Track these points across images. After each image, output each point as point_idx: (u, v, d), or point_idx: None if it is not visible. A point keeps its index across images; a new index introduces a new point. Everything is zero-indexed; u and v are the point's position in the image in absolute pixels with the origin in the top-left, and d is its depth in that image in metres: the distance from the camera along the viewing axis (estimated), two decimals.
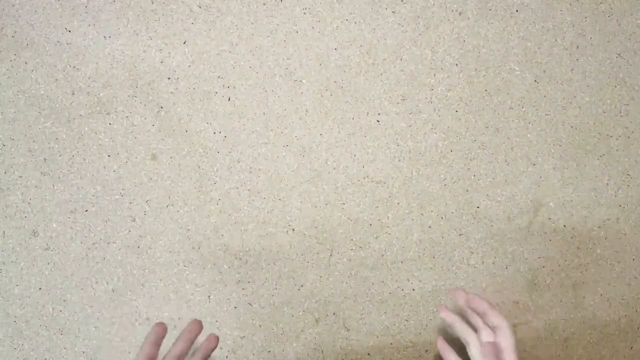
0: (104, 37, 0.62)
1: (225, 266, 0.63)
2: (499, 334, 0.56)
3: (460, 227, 0.64)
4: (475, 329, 0.59)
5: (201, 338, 0.63)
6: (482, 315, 0.58)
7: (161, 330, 0.54)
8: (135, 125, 0.62)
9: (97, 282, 0.62)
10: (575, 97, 0.64)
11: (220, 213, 0.63)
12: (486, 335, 0.57)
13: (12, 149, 0.62)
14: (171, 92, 0.62)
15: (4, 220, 0.62)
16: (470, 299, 0.59)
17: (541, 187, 0.64)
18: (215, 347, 0.57)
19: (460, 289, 0.60)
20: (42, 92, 0.61)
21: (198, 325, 0.56)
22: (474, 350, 0.56)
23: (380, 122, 0.63)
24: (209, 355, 0.57)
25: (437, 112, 0.64)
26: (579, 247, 0.65)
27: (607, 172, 0.65)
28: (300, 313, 0.64)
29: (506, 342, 0.55)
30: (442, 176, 0.64)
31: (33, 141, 0.62)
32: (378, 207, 0.64)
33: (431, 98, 0.64)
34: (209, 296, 0.63)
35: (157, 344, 0.54)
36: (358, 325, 0.64)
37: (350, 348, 0.64)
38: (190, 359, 0.56)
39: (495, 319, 0.57)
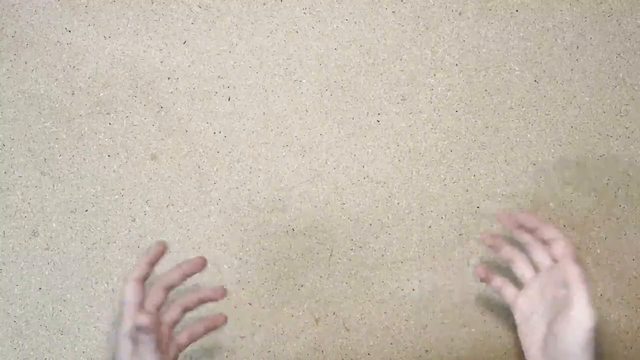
0: (104, 37, 0.62)
1: (225, 266, 0.63)
2: (553, 245, 0.50)
3: (460, 227, 0.64)
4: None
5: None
6: (532, 233, 0.53)
7: (161, 249, 0.51)
8: (135, 125, 0.62)
9: (97, 282, 0.62)
10: (575, 97, 0.64)
11: (220, 213, 0.63)
12: (537, 250, 0.52)
13: (12, 149, 0.62)
14: (171, 92, 0.62)
15: (4, 220, 0.62)
16: (516, 218, 0.53)
17: (541, 187, 0.64)
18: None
19: (502, 213, 0.55)
20: (42, 92, 0.61)
21: (201, 263, 0.52)
22: (520, 270, 0.52)
23: (380, 122, 0.63)
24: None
25: (437, 112, 0.64)
26: (579, 247, 0.65)
27: (607, 172, 0.65)
28: (300, 313, 0.64)
29: (562, 250, 0.49)
30: (442, 176, 0.64)
31: (33, 141, 0.62)
32: (378, 207, 0.64)
33: (431, 98, 0.64)
34: None
35: (153, 263, 0.50)
36: (358, 325, 0.64)
37: (350, 348, 0.64)
38: (173, 304, 0.52)
39: (548, 231, 0.51)
